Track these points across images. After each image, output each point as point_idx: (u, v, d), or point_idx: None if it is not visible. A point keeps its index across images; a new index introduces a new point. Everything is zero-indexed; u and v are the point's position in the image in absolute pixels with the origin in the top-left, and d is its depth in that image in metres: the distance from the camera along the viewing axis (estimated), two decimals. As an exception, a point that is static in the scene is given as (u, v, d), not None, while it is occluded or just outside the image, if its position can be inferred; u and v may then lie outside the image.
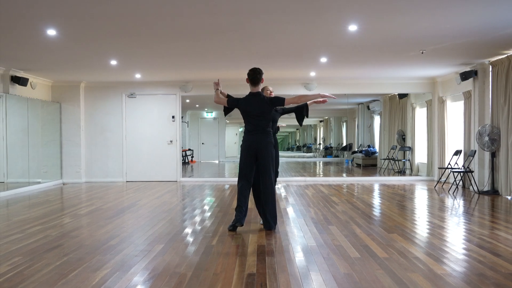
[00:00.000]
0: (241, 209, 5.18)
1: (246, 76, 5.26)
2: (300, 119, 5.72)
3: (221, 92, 5.47)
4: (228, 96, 5.44)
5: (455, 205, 7.43)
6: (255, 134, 5.19)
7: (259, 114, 5.17)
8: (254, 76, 5.23)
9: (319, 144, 22.41)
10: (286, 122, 13.29)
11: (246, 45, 7.18)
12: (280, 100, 5.17)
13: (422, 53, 7.67)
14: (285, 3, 5.08)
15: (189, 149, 18.98)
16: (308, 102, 5.52)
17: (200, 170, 15.52)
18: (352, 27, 6.05)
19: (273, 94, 5.66)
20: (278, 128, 6.23)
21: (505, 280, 3.40)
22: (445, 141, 10.70)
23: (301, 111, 5.65)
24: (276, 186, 5.45)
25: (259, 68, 5.27)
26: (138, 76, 10.37)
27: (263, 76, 5.29)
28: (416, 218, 6.24)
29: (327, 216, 6.15)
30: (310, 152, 23.82)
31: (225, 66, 9.06)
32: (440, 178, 10.22)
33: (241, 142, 5.42)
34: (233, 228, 5.18)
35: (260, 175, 5.25)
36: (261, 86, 5.32)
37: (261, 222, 5.37)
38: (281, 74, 9.95)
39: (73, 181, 11.23)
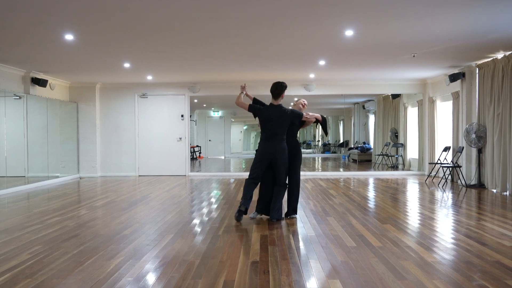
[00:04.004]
0: (245, 197, 5.24)
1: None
2: (324, 130, 5.82)
3: (247, 95, 5.57)
4: (254, 101, 5.50)
5: (444, 197, 7.41)
6: (272, 141, 5.25)
7: (279, 124, 5.23)
8: (276, 91, 5.29)
9: (318, 141, 22.36)
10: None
11: (250, 49, 7.15)
12: (299, 115, 5.38)
13: (414, 56, 7.63)
14: (287, 10, 5.05)
15: (197, 146, 18.98)
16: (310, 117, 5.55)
17: (207, 165, 15.51)
18: (349, 32, 6.02)
19: (306, 104, 5.67)
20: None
21: (491, 268, 3.39)
22: (435, 138, 10.67)
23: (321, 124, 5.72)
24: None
25: (283, 84, 5.31)
26: (149, 77, 10.37)
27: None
28: (408, 209, 6.22)
29: (325, 208, 6.14)
30: (310, 149, 23.75)
31: (231, 69, 9.02)
32: (430, 173, 10.19)
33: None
34: (238, 213, 5.18)
35: (276, 176, 5.33)
36: (281, 100, 5.34)
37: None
38: (282, 75, 9.91)
39: (89, 176, 11.25)
